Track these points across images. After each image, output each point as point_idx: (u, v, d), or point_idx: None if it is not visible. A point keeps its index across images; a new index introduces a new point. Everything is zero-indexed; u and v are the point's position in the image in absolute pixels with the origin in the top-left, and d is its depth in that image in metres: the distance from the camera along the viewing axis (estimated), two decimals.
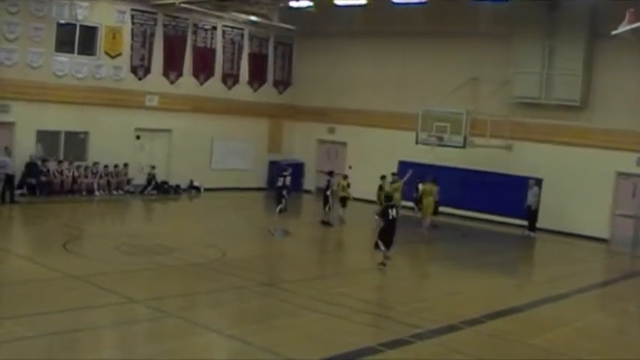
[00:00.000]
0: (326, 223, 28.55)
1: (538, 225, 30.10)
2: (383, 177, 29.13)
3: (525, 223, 30.14)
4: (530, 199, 29.83)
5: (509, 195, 30.87)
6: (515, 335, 15.76)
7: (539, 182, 30.29)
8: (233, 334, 14.43)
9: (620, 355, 15.11)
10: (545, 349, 14.88)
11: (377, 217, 23.47)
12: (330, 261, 23.91)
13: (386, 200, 22.66)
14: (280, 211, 27.49)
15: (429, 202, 29.14)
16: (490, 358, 14.01)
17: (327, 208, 28.89)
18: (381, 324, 15.72)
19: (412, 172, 28.60)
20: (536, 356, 14.44)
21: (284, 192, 27.58)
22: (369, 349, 13.76)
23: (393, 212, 21.37)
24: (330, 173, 30.10)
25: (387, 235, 21.33)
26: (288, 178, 28.02)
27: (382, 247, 21.28)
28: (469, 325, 16.06)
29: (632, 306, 20.88)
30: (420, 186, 29.59)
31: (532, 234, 29.81)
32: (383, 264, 21.21)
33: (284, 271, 21.35)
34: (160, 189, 33.80)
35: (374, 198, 29.46)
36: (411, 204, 30.44)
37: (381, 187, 28.58)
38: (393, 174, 29.91)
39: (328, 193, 28.94)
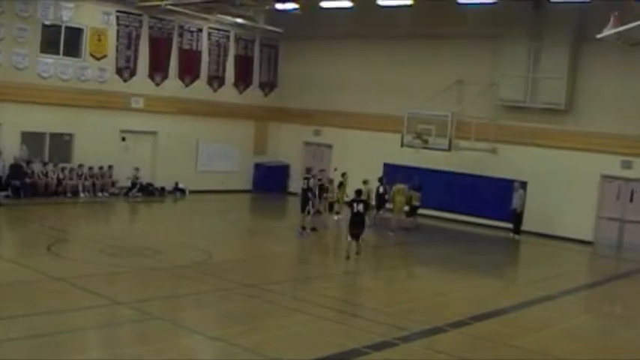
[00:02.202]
0: (312, 229, 27.31)
1: (523, 228, 30.16)
2: (365, 182, 28.95)
3: (510, 225, 30.20)
4: (515, 202, 29.89)
5: (495, 198, 30.97)
6: (500, 337, 15.78)
7: (524, 185, 30.36)
8: (218, 335, 14.39)
9: (605, 357, 15.15)
10: (531, 350, 14.91)
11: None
12: (315, 263, 23.86)
13: (356, 195, 23.35)
14: (309, 213, 26.96)
15: (398, 201, 29.51)
16: (475, 359, 14.01)
17: (306, 211, 27.22)
18: (366, 326, 15.68)
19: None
20: (522, 358, 14.46)
21: (309, 194, 26.98)
22: (354, 350, 13.74)
23: (358, 206, 22.46)
24: (308, 171, 29.19)
25: (353, 227, 22.37)
26: (312, 181, 27.39)
27: (348, 238, 22.41)
28: (454, 327, 16.07)
29: (617, 308, 21.00)
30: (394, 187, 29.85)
31: (517, 236, 29.87)
32: (348, 257, 22.31)
33: (269, 273, 21.29)
34: (145, 191, 33.69)
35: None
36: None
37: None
38: (380, 179, 30.09)
39: (310, 194, 27.33)
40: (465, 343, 15.20)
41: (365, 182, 28.52)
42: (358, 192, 23.64)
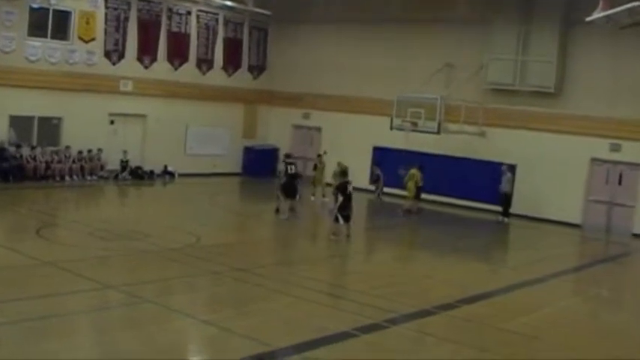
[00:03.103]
0: (291, 210, 26.99)
1: (512, 211, 30.26)
2: (339, 164, 28.81)
3: (499, 208, 30.28)
4: (504, 185, 29.94)
5: (484, 181, 31.05)
6: (489, 319, 15.87)
7: (512, 168, 30.45)
8: (209, 319, 14.42)
9: (593, 339, 15.25)
10: (519, 333, 15.00)
11: (333, 194, 24.52)
12: (304, 246, 23.86)
13: (341, 176, 23.82)
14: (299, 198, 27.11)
15: (410, 187, 29.53)
16: (464, 342, 14.09)
17: (297, 198, 27.36)
18: (355, 309, 15.74)
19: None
20: (510, 340, 14.54)
21: (297, 181, 27.10)
22: (343, 333, 13.80)
23: (350, 188, 22.98)
24: (288, 156, 28.87)
25: (345, 209, 22.71)
26: (294, 167, 27.24)
27: (341, 221, 22.73)
28: (443, 310, 16.15)
29: (605, 291, 21.12)
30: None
31: (505, 219, 29.96)
32: (335, 234, 22.85)
33: (258, 256, 21.31)
34: (134, 174, 33.63)
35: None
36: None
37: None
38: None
39: (297, 181, 27.41)
40: (454, 326, 15.28)
41: (339, 164, 28.43)
42: (344, 173, 24.05)
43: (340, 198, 22.87)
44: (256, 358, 12.31)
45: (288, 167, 27.07)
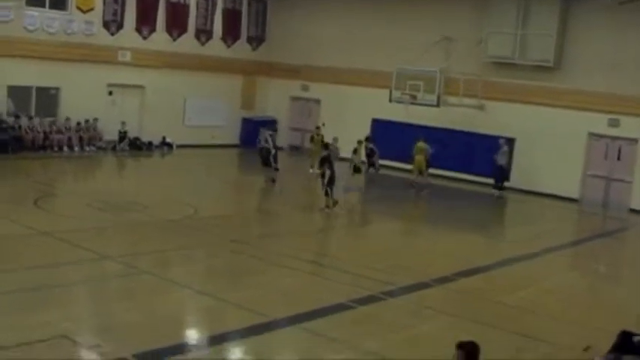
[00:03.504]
0: (272, 181, 27.52)
1: (510, 185, 30.25)
2: (360, 142, 29.22)
3: (496, 182, 30.26)
4: (500, 158, 29.90)
5: (482, 154, 31.00)
6: (486, 293, 15.94)
7: (510, 142, 30.40)
8: (206, 290, 14.48)
9: (590, 313, 15.32)
10: (516, 307, 15.07)
11: (317, 169, 25.49)
12: (301, 219, 23.77)
13: (325, 148, 24.63)
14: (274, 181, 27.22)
15: (418, 160, 29.57)
16: (461, 314, 14.13)
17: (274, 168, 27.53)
18: (352, 281, 15.80)
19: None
20: (507, 314, 14.61)
21: (274, 151, 27.40)
22: (340, 305, 13.87)
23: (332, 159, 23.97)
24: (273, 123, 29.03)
25: (334, 182, 23.20)
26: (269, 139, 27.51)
27: (331, 194, 23.15)
28: (440, 283, 16.22)
29: (602, 266, 21.18)
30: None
31: (502, 193, 29.92)
32: (328, 207, 23.01)
33: (255, 228, 21.39)
34: (132, 145, 33.55)
35: (348, 156, 29.38)
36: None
37: (355, 151, 28.67)
38: (366, 139, 30.28)
39: (273, 151, 27.57)
40: (451, 299, 15.35)
41: (360, 142, 28.84)
42: (325, 146, 24.86)
43: (328, 171, 23.08)
44: (253, 329, 12.36)
45: (263, 139, 27.70)
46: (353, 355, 11.96)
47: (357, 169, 28.14)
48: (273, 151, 27.43)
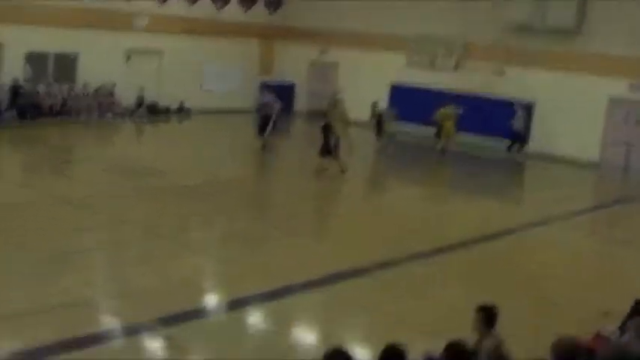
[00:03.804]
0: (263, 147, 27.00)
1: (529, 149, 30.09)
2: (375, 104, 29.16)
3: (511, 146, 30.15)
4: (517, 124, 29.76)
5: (500, 119, 30.77)
6: (504, 258, 15.91)
7: (527, 107, 30.20)
8: (223, 256, 14.52)
9: (608, 278, 15.27)
10: (534, 271, 15.03)
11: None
12: (318, 184, 23.60)
13: (324, 116, 24.46)
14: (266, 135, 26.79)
15: (448, 126, 29.48)
16: (477, 279, 14.10)
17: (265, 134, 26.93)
18: (369, 246, 15.78)
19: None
20: (525, 278, 14.56)
21: (274, 117, 26.88)
22: (355, 271, 13.86)
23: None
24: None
25: (336, 147, 23.12)
26: (277, 105, 27.16)
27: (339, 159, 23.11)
28: (458, 248, 16.17)
29: (621, 231, 21.05)
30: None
31: (519, 155, 29.81)
32: (343, 171, 23.02)
33: (274, 194, 21.39)
34: (150, 111, 33.53)
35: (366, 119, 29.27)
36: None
37: (374, 114, 28.61)
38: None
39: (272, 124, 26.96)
40: (470, 263, 15.32)
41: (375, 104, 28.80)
42: (324, 114, 24.83)
43: (333, 138, 22.96)
44: (269, 294, 12.39)
45: (268, 104, 27.41)
46: (372, 319, 11.97)
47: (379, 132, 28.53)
48: (272, 121, 26.91)
